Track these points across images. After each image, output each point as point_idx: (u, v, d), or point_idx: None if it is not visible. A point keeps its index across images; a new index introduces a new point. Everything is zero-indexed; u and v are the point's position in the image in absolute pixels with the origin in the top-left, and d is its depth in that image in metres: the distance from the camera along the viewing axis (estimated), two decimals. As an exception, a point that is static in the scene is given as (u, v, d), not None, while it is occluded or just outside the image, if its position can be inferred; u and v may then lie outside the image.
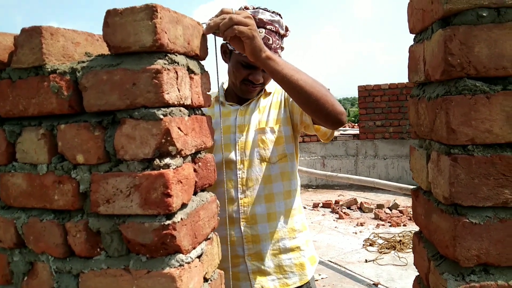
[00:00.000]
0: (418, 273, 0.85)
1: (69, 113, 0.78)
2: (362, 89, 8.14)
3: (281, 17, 1.42)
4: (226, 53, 1.47)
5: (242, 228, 1.44)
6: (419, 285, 0.83)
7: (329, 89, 1.28)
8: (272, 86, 1.57)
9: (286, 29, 1.45)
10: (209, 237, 0.89)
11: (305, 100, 1.18)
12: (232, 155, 1.46)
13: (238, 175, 1.46)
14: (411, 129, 0.83)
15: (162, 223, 0.72)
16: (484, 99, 0.61)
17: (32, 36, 0.77)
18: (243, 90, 1.47)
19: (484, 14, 0.60)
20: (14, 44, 0.80)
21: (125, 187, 0.74)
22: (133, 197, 0.74)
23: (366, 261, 4.29)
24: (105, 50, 0.78)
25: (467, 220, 0.62)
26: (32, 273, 0.87)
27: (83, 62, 0.76)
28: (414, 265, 0.85)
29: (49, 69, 0.77)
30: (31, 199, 0.84)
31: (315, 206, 6.62)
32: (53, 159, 0.80)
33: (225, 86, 1.63)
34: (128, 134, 0.73)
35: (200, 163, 0.86)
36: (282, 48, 1.43)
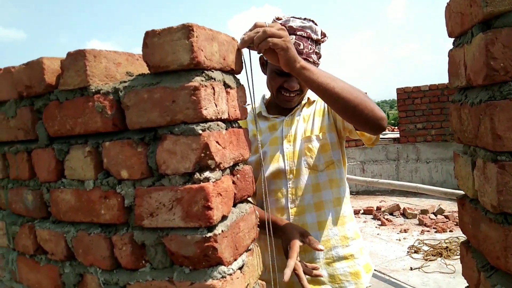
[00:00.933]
0: (467, 284, 0.82)
1: (113, 131, 0.81)
2: (401, 92, 7.94)
3: (315, 23, 1.41)
4: (263, 65, 1.49)
5: None
6: (469, 297, 0.80)
7: (366, 93, 1.26)
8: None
9: (324, 35, 1.44)
10: (249, 248, 0.90)
11: (343, 108, 1.16)
12: (281, 165, 1.47)
13: (288, 185, 1.46)
14: (454, 135, 0.81)
15: (204, 236, 0.74)
16: (532, 103, 0.58)
17: (77, 59, 0.81)
18: (280, 99, 1.47)
19: (528, 15, 0.57)
20: (60, 68, 0.85)
21: (167, 201, 0.76)
22: (175, 210, 0.75)
23: (411, 268, 4.15)
24: (145, 69, 0.81)
25: (519, 230, 0.59)
26: (82, 285, 0.91)
27: (125, 82, 0.80)
28: (463, 275, 0.82)
29: (93, 90, 0.81)
30: (79, 214, 0.88)
31: (356, 213, 6.48)
32: (99, 175, 0.84)
33: (265, 99, 1.64)
34: (169, 150, 0.75)
35: (238, 175, 0.87)
36: (317, 54, 1.42)
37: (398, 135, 8.12)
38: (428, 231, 5.29)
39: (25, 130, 0.95)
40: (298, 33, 1.35)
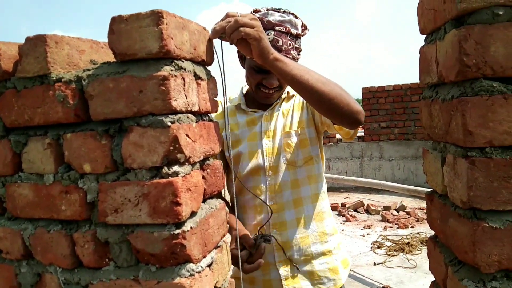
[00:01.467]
0: (427, 278, 0.83)
1: (75, 122, 0.77)
2: (366, 91, 8.12)
3: (296, 16, 1.37)
4: (242, 58, 1.45)
5: (272, 235, 1.41)
6: (436, 291, 0.81)
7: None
8: None
9: (304, 28, 1.40)
10: (219, 245, 0.88)
11: (318, 101, 1.14)
12: (260, 162, 1.45)
13: (267, 182, 1.44)
14: (423, 132, 0.82)
15: (172, 232, 0.71)
16: (502, 100, 0.59)
17: (36, 44, 0.76)
18: (259, 95, 1.44)
19: (500, 13, 0.58)
20: (18, 54, 0.79)
21: (133, 196, 0.72)
22: (141, 206, 0.72)
23: (374, 264, 4.25)
24: (111, 58, 0.77)
25: (487, 225, 0.60)
26: (40, 285, 0.86)
27: (89, 70, 0.75)
28: (430, 270, 0.83)
29: (54, 78, 0.76)
30: (38, 210, 0.83)
31: (321, 209, 6.58)
32: (60, 168, 0.79)
33: (244, 91, 1.60)
34: (135, 142, 0.72)
35: (208, 170, 0.85)
36: (297, 49, 1.37)
37: (362, 134, 8.30)
38: (390, 227, 5.45)
39: (-22, 120, 0.89)
40: (276, 28, 1.30)
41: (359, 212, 6.37)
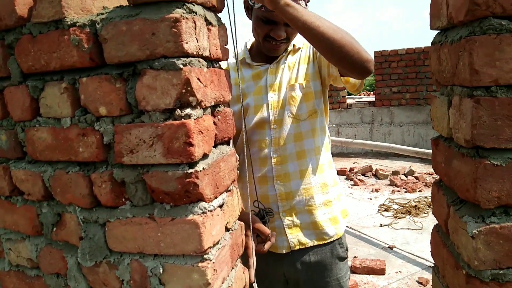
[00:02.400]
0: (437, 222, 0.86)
1: (91, 66, 0.79)
2: (378, 55, 7.97)
3: None
4: (248, 9, 1.44)
5: (276, 186, 1.46)
6: (438, 233, 0.84)
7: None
8: (300, 41, 1.53)
9: None
10: (229, 188, 0.91)
11: (328, 48, 1.14)
12: (265, 115, 1.47)
13: (271, 135, 1.47)
14: (432, 78, 0.82)
15: (185, 172, 0.74)
16: (510, 38, 0.59)
17: (50, -12, 0.77)
18: (266, 47, 1.44)
19: (512, -52, 0.57)
20: (33, -1, 0.81)
21: (148, 137, 0.75)
22: (156, 147, 0.75)
23: (381, 225, 4.33)
24: (122, 3, 0.78)
25: (489, 162, 0.62)
26: (61, 224, 0.91)
27: (102, 14, 0.77)
28: (433, 214, 0.86)
29: (69, 23, 0.78)
30: (57, 152, 0.86)
31: (330, 173, 6.63)
32: (76, 112, 0.82)
33: (249, 45, 1.60)
34: (149, 85, 0.74)
35: (219, 116, 0.87)
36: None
37: (373, 99, 8.23)
38: (398, 191, 5.50)
39: (-5, 66, 0.91)
40: None
41: (367, 176, 6.41)
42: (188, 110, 0.74)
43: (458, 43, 0.65)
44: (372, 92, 9.88)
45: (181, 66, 0.71)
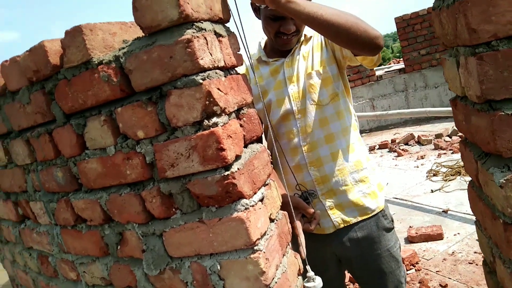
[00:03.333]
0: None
1: (122, 97, 0.87)
2: (400, 20, 7.77)
3: None
4: (256, 10, 1.50)
5: (311, 172, 1.52)
6: (473, 188, 0.87)
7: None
8: (311, 30, 1.58)
9: None
10: (266, 183, 0.97)
11: (336, 34, 1.18)
12: (288, 107, 1.53)
13: (298, 125, 1.52)
14: (439, 41, 0.85)
15: (222, 175, 0.81)
16: (500, -8, 0.61)
17: (75, 35, 0.86)
18: (279, 43, 1.50)
19: None
20: (61, 47, 0.90)
21: (184, 150, 0.83)
22: (192, 157, 0.82)
23: (432, 191, 4.25)
24: (139, 34, 0.86)
25: (503, 113, 0.64)
26: (123, 242, 1.01)
27: (123, 48, 0.85)
28: (466, 171, 0.88)
29: (96, 62, 0.87)
30: (108, 179, 0.96)
31: (372, 149, 6.56)
32: (118, 139, 0.91)
33: (263, 44, 1.66)
34: (176, 103, 0.81)
35: (244, 118, 0.93)
36: None
37: (403, 66, 8.02)
38: (444, 153, 5.36)
39: (41, 113, 1.02)
40: None
41: (411, 145, 6.28)
42: (214, 119, 0.81)
43: (453, 6, 0.67)
44: (401, 59, 9.62)
45: (201, 81, 0.78)
